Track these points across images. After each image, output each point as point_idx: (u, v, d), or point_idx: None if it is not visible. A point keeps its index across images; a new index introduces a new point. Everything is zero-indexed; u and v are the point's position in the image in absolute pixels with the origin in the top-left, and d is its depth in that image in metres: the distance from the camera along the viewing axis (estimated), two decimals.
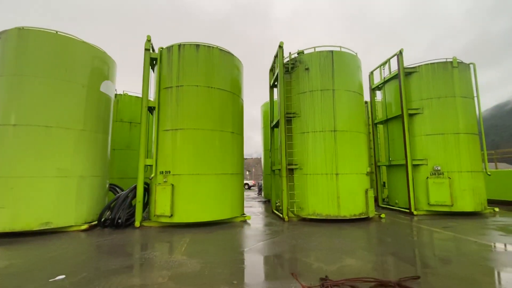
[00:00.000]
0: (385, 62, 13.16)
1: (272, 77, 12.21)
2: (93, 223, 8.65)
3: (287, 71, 10.84)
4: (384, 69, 13.36)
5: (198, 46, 9.69)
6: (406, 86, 11.71)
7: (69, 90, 8.51)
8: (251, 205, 15.28)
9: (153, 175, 8.99)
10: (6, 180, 7.47)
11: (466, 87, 11.44)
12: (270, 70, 12.45)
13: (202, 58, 9.62)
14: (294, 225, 9.01)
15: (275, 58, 11.34)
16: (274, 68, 11.86)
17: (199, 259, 5.36)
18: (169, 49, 9.76)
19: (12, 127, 7.71)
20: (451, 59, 11.51)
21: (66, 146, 8.26)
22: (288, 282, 4.17)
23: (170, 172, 8.88)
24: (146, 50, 9.65)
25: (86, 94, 8.92)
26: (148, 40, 9.70)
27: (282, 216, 9.81)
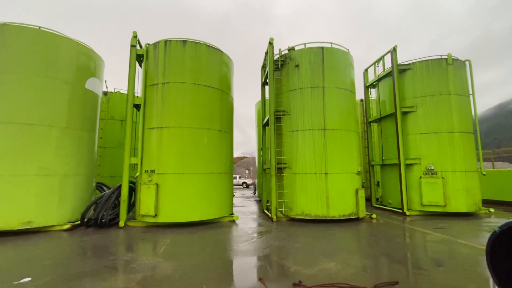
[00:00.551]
0: (379, 59, 12.88)
1: (263, 74, 11.98)
2: (76, 223, 8.49)
3: (277, 68, 10.60)
4: (378, 66, 13.08)
5: (185, 42, 9.47)
6: (400, 83, 11.43)
7: (51, 87, 8.33)
8: (244, 204, 15.10)
9: (138, 174, 8.83)
10: None
11: (461, 85, 11.14)
12: (262, 67, 12.21)
13: (189, 54, 9.40)
14: (282, 225, 8.81)
15: (266, 55, 11.11)
16: (265, 65, 11.62)
17: (174, 262, 5.18)
18: (155, 45, 9.54)
19: None
20: (446, 56, 11.21)
21: (47, 144, 8.09)
22: None
23: (155, 171, 8.70)
24: (132, 46, 9.46)
25: (70, 91, 8.74)
26: (134, 36, 9.51)
27: (271, 216, 9.63)
